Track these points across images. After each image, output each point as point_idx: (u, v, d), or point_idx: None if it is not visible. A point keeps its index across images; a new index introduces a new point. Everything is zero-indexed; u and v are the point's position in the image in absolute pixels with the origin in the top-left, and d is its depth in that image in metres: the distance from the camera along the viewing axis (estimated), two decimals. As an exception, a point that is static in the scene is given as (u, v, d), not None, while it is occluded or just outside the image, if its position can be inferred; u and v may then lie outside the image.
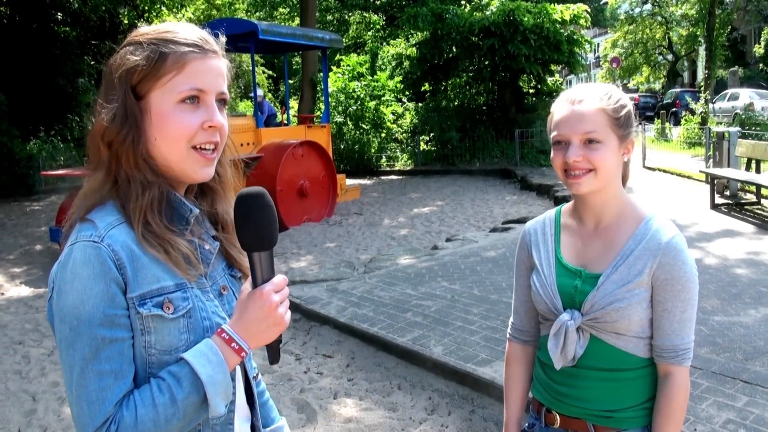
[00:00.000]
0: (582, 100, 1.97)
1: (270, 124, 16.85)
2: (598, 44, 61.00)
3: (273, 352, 1.55)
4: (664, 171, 16.92)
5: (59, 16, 22.18)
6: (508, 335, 2.36)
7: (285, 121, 16.74)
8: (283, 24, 34.46)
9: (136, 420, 1.35)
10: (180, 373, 1.40)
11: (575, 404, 2.04)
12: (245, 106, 35.31)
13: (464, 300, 6.95)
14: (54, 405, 5.40)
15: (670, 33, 47.35)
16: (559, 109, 2.01)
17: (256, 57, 42.10)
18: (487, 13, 20.24)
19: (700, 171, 14.15)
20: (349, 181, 17.82)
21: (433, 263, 8.68)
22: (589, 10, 21.38)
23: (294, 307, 7.15)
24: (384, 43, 29.79)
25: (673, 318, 1.93)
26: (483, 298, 7.02)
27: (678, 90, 38.64)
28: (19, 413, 5.30)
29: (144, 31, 1.53)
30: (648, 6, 47.15)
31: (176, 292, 1.46)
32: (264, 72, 47.60)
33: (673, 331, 1.93)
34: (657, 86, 52.60)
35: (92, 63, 23.48)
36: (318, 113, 21.11)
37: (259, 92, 17.32)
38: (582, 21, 20.74)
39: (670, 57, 50.41)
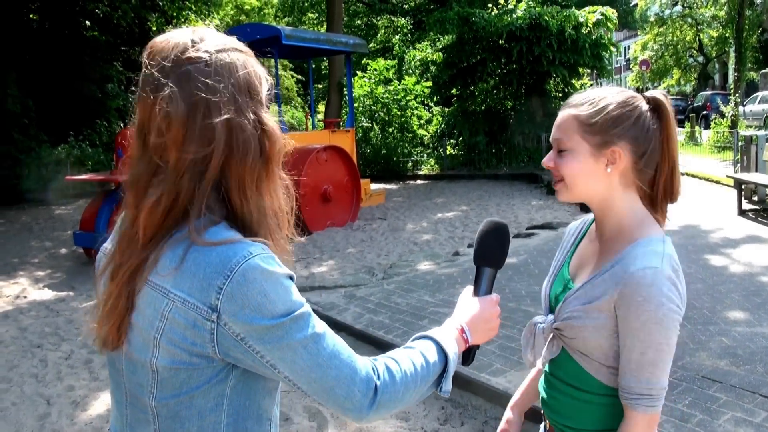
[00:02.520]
0: (566, 105, 1.90)
1: None
2: (628, 47, 60.53)
3: (472, 354, 1.77)
4: (693, 176, 16.72)
5: (88, 23, 22.39)
6: None
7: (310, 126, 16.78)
8: (310, 29, 34.61)
9: (399, 367, 1.48)
10: (428, 346, 1.57)
11: (550, 414, 2.01)
12: (273, 111, 35.40)
13: (482, 307, 6.87)
14: (68, 409, 5.41)
15: (701, 35, 46.77)
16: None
17: (285, 62, 42.58)
18: (514, 16, 20.13)
19: (727, 176, 13.95)
20: (375, 186, 17.78)
21: (453, 269, 8.61)
22: (615, 12, 21.16)
23: (311, 313, 7.12)
24: (411, 48, 29.78)
25: (630, 356, 1.75)
26: (501, 305, 6.84)
27: (709, 93, 38.04)
28: (33, 417, 5.32)
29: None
30: (678, 7, 46.60)
31: None
32: (293, 77, 47.86)
33: (629, 371, 1.76)
34: (688, 89, 51.97)
35: (121, 69, 23.72)
36: (343, 118, 21.15)
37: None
38: (608, 24, 20.55)
39: (700, 59, 49.77)
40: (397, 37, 34.11)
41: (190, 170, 1.37)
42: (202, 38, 1.43)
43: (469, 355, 1.76)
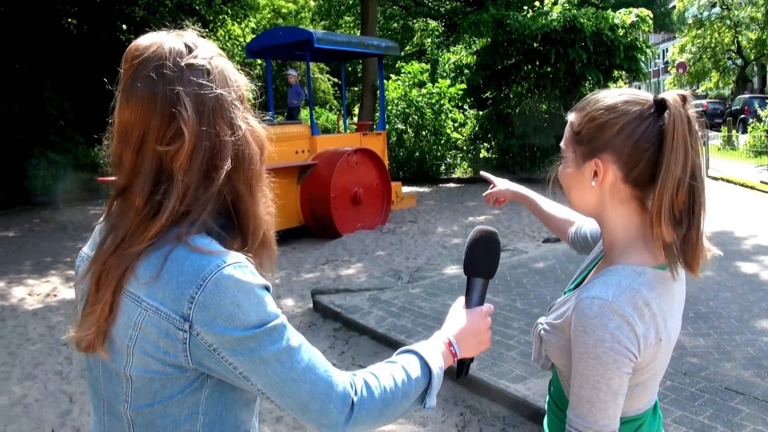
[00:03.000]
0: (575, 106, 1.79)
1: (293, 111, 16.95)
2: (666, 49, 59.81)
3: (465, 367, 1.74)
4: (728, 181, 16.47)
5: (125, 26, 22.66)
6: None
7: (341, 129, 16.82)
8: (346, 32, 34.71)
9: (379, 382, 1.46)
10: (411, 361, 1.53)
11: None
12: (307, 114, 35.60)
13: (505, 313, 6.83)
14: (89, 407, 5.47)
15: (739, 37, 46.09)
16: None
17: (321, 65, 42.71)
18: (549, 19, 20.00)
19: (761, 182, 13.71)
20: (406, 189, 17.76)
21: (480, 274, 8.54)
22: (651, 14, 20.89)
23: (335, 316, 7.15)
24: (444, 51, 29.71)
25: (572, 388, 1.64)
26: (525, 311, 6.89)
27: (747, 96, 37.36)
28: (55, 413, 5.40)
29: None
30: (716, 9, 45.97)
31: None
32: (330, 80, 48.00)
33: (570, 402, 1.65)
34: (726, 92, 51.22)
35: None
36: (376, 120, 21.17)
37: (293, 72, 17.37)
38: (644, 27, 20.31)
39: (739, 62, 49.04)
40: (429, 40, 34.07)
41: (198, 178, 1.37)
42: (195, 44, 1.43)
43: (462, 368, 1.73)
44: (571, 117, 1.76)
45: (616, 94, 1.68)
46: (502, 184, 2.64)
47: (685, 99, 1.59)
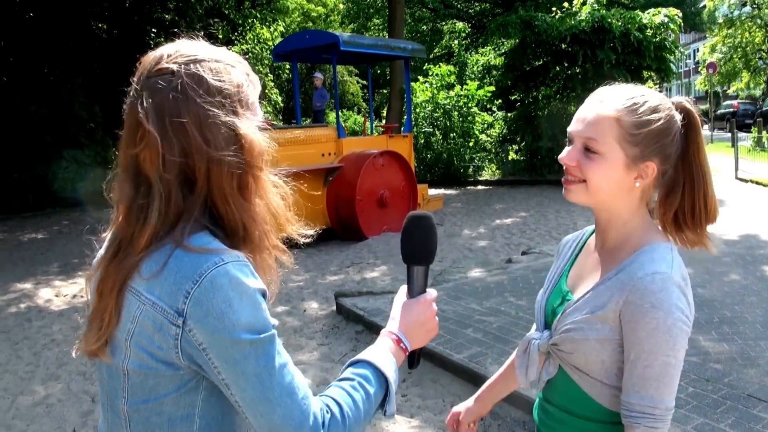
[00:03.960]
0: (603, 100, 1.72)
1: (319, 114, 16.97)
2: (697, 49, 59.14)
3: (417, 357, 1.72)
4: (758, 183, 16.25)
5: (154, 30, 22.88)
6: None
7: (368, 131, 16.85)
8: (375, 34, 34.73)
9: (342, 411, 1.43)
10: (366, 372, 1.51)
11: None
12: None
13: (528, 317, 6.78)
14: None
15: (771, 36, 45.51)
16: (585, 101, 1.79)
17: (350, 68, 42.79)
18: (577, 19, 19.87)
19: (790, 184, 13.54)
20: (434, 191, 17.73)
21: (504, 277, 8.52)
22: (680, 14, 20.67)
23: (357, 318, 7.15)
24: (472, 52, 29.64)
25: (634, 370, 1.62)
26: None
27: (778, 97, 36.96)
28: (77, 413, 5.47)
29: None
30: (747, 8, 45.34)
31: None
32: (358, 82, 48.11)
33: (632, 386, 1.62)
34: (758, 93, 50.50)
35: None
36: (402, 123, 21.20)
37: (318, 75, 17.42)
38: (673, 27, 20.10)
39: (770, 62, 48.43)
40: (456, 42, 34.00)
41: (175, 182, 1.38)
42: (177, 50, 1.44)
43: (413, 359, 1.71)
44: (614, 114, 1.70)
45: (656, 97, 1.73)
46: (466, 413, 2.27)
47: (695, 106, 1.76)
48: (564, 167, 1.78)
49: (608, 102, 1.71)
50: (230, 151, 1.40)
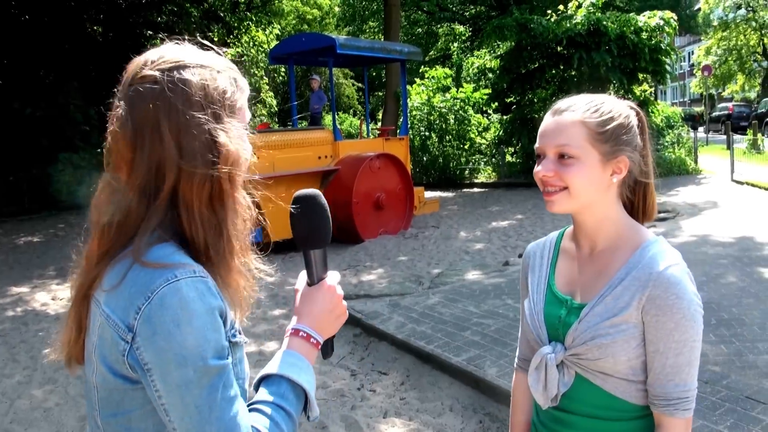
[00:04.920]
0: (564, 110, 1.77)
1: (316, 117, 17.02)
2: (692, 52, 59.31)
3: (330, 346, 1.62)
4: (753, 185, 16.28)
5: (150, 33, 22.89)
6: (515, 364, 2.18)
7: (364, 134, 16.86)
8: (370, 37, 34.78)
9: None
10: (281, 389, 1.44)
11: None
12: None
13: (526, 319, 6.79)
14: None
15: (765, 39, 45.56)
16: (544, 119, 1.82)
17: (346, 70, 42.85)
18: (573, 22, 19.92)
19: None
20: (430, 194, 17.73)
21: (501, 280, 8.52)
22: (675, 17, 20.72)
23: (355, 321, 7.15)
24: (469, 55, 29.69)
25: (665, 361, 1.67)
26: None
27: (772, 99, 37.01)
28: (75, 417, 5.45)
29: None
30: (742, 11, 45.47)
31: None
32: (354, 85, 48.15)
33: (665, 376, 1.67)
34: (753, 95, 50.60)
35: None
36: (398, 125, 21.21)
37: (315, 78, 17.48)
38: (669, 30, 20.15)
39: (765, 64, 48.43)
40: (455, 44, 34.05)
41: (142, 189, 1.35)
42: (161, 56, 1.40)
43: (327, 349, 1.61)
44: (578, 117, 1.76)
45: (612, 98, 1.84)
46: None
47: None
48: (541, 182, 1.78)
49: (569, 110, 1.77)
50: (206, 161, 1.36)
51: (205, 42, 1.54)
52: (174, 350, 1.25)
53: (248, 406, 1.41)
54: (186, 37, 1.51)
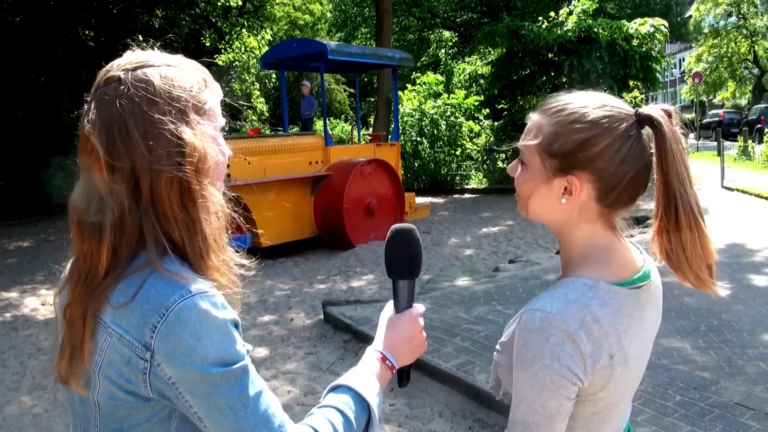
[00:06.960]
0: (541, 108, 1.60)
1: (307, 122, 17.03)
2: (683, 59, 59.60)
3: (406, 375, 1.68)
4: (743, 191, 16.35)
5: (141, 37, 22.91)
6: None
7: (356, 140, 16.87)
8: (362, 43, 34.80)
9: None
10: (346, 401, 1.46)
11: None
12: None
13: (516, 325, 6.79)
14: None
15: (756, 46, 45.82)
16: None
17: (337, 76, 42.82)
18: (564, 29, 19.99)
19: (775, 193, 13.63)
20: (421, 200, 17.74)
21: (491, 286, 8.53)
22: (666, 24, 20.82)
23: (345, 327, 7.14)
24: (459, 61, 29.74)
25: (511, 407, 1.55)
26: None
27: (763, 106, 36.89)
28: (63, 424, 5.43)
29: None
30: (732, 18, 45.72)
31: None
32: (345, 90, 48.14)
33: (509, 424, 1.56)
34: (743, 102, 50.84)
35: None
36: (389, 131, 21.24)
37: (306, 83, 17.50)
38: (660, 37, 20.24)
39: (755, 71, 48.74)
40: (442, 51, 34.11)
41: (127, 195, 1.33)
42: (127, 59, 1.41)
43: (402, 377, 1.67)
44: (539, 120, 1.57)
45: (595, 104, 1.52)
46: None
47: (671, 114, 1.49)
48: None
49: (541, 110, 1.59)
50: (173, 160, 1.34)
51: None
52: (196, 364, 1.27)
53: (315, 407, 1.46)
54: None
